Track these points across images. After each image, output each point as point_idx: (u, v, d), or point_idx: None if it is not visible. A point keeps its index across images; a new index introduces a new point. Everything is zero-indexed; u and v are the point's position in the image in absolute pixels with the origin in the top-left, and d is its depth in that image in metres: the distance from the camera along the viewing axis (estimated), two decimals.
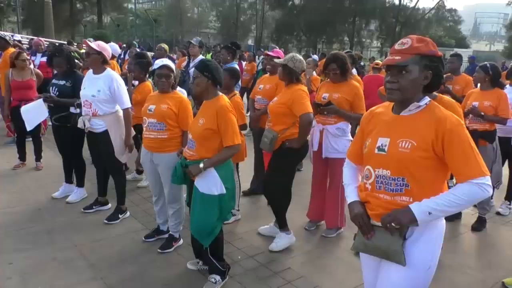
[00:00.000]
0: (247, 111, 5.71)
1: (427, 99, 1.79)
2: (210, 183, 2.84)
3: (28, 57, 5.57)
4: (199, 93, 2.95)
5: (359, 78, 5.39)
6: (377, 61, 8.95)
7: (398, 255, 1.75)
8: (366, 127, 1.96)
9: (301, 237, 3.95)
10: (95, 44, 3.88)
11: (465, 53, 23.19)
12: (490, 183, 1.67)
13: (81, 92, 3.96)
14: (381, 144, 1.81)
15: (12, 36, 10.63)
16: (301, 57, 3.61)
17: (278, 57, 4.28)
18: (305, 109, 3.38)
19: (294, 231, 3.78)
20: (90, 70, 4.01)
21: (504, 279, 3.30)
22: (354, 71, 7.04)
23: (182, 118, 3.37)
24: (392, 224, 1.72)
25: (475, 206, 4.69)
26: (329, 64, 3.79)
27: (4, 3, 33.89)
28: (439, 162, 1.73)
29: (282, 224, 3.73)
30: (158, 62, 3.41)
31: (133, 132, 4.20)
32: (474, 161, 1.67)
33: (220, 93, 2.99)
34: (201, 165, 2.80)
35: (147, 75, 4.90)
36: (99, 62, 3.88)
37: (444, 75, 5.09)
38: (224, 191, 2.88)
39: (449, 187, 1.80)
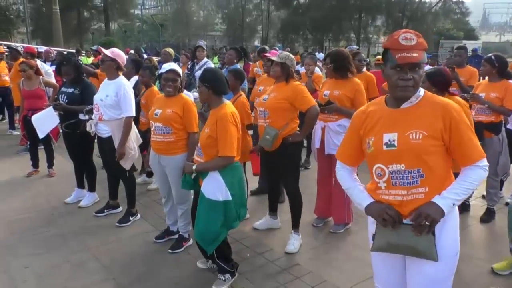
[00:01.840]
0: None
1: (422, 89, 1.83)
2: (215, 188, 2.87)
3: (29, 67, 5.63)
4: (204, 101, 3.12)
5: (370, 74, 5.38)
6: (379, 57, 8.94)
7: (431, 252, 1.75)
8: (361, 127, 1.93)
9: (309, 233, 3.99)
10: (109, 51, 3.98)
11: (474, 45, 22.93)
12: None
13: (94, 96, 4.08)
14: (389, 140, 1.79)
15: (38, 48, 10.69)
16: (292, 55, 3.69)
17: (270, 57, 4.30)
18: (311, 102, 3.47)
19: (302, 228, 3.81)
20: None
21: (493, 265, 3.32)
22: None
23: (186, 119, 3.43)
24: (425, 221, 1.71)
25: (483, 197, 4.69)
26: (325, 59, 3.91)
27: (14, 15, 34.48)
28: (446, 149, 1.79)
29: (298, 224, 3.75)
30: (166, 66, 3.48)
31: (140, 140, 4.27)
32: (476, 145, 1.78)
33: (226, 101, 3.02)
34: (194, 166, 2.94)
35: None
36: (113, 68, 3.97)
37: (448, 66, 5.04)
38: (229, 197, 2.88)
39: None
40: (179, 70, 3.49)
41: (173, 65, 3.51)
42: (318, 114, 3.54)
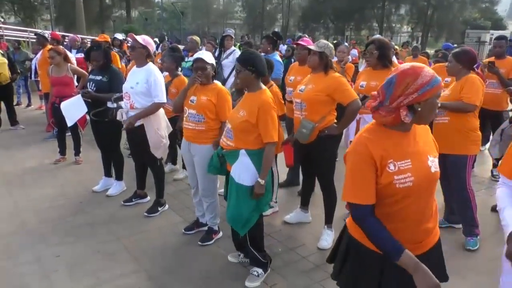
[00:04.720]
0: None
1: None
2: (245, 173, 2.83)
3: (57, 53, 5.60)
4: (244, 87, 2.97)
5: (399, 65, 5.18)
6: (396, 47, 8.73)
7: None
8: None
9: (341, 228, 3.85)
10: (140, 39, 3.91)
11: (504, 35, 22.14)
12: None
13: (123, 85, 4.02)
14: None
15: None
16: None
17: (307, 46, 4.15)
18: (352, 96, 3.28)
19: (334, 223, 3.69)
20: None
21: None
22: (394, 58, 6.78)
23: (220, 108, 3.35)
24: None
25: None
26: (369, 45, 3.75)
27: (38, 2, 34.92)
28: None
29: (331, 219, 3.65)
30: (197, 55, 3.40)
31: (170, 129, 4.20)
32: None
33: (263, 86, 2.94)
34: (262, 182, 2.80)
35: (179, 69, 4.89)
36: (144, 56, 3.91)
37: (487, 61, 4.82)
38: None
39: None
40: (207, 58, 3.35)
41: (201, 53, 3.41)
42: (359, 109, 3.34)
